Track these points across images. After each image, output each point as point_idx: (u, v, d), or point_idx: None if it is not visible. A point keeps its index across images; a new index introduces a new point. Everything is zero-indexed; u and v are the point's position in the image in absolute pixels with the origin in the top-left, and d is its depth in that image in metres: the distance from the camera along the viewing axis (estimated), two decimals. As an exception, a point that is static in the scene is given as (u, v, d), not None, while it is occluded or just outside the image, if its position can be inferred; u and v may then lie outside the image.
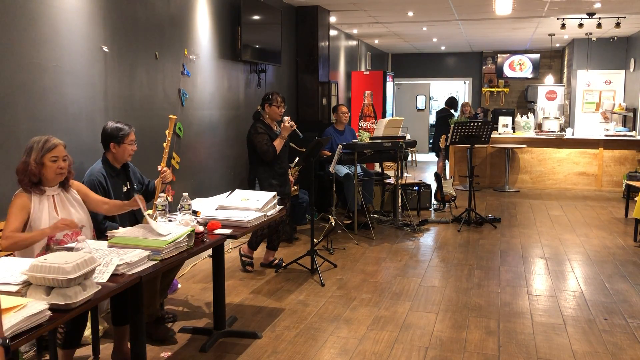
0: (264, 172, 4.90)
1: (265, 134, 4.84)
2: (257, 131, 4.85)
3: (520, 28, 10.81)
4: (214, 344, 3.52)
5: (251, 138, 4.88)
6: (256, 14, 6.62)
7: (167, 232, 2.81)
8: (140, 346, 2.75)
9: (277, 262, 5.10)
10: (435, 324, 3.86)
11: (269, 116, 4.94)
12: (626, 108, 11.20)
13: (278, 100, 4.92)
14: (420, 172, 11.76)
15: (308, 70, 8.39)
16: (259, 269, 5.09)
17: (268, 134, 4.86)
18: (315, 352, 3.43)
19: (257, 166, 4.93)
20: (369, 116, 10.79)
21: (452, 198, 7.76)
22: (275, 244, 5.14)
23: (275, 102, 4.91)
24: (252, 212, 3.56)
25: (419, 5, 8.50)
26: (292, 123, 4.92)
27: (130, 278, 2.40)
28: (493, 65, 15.07)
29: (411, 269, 5.12)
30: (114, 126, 3.44)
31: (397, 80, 15.17)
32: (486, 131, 6.92)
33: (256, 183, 4.92)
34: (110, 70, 4.24)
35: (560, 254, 5.63)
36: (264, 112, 4.95)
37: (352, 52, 12.05)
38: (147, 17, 4.68)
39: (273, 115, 4.94)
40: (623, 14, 8.96)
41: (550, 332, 3.74)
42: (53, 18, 3.66)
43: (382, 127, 7.11)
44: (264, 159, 4.85)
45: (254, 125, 4.90)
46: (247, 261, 5.03)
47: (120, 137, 3.41)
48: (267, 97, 4.95)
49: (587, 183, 9.77)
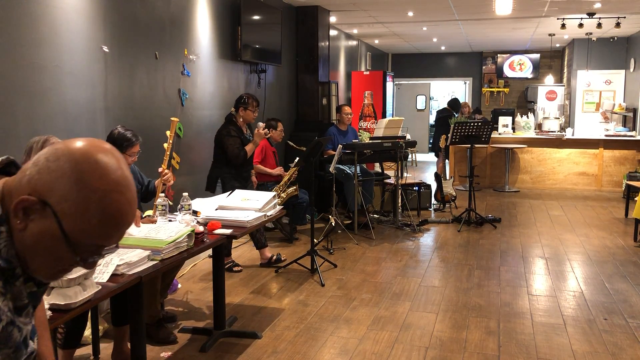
0: (228, 173, 4.93)
1: (237, 137, 4.88)
2: (230, 134, 4.87)
3: (520, 28, 10.80)
4: (214, 344, 3.52)
5: (222, 139, 4.89)
6: (256, 14, 6.62)
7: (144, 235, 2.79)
8: (140, 346, 2.75)
9: (276, 257, 5.11)
10: (435, 324, 3.86)
11: (242, 119, 4.97)
12: (626, 108, 11.20)
13: (253, 105, 4.97)
14: (420, 172, 11.76)
15: (308, 70, 8.39)
16: (249, 268, 5.09)
17: (240, 137, 4.88)
18: (315, 352, 3.43)
19: (222, 166, 4.94)
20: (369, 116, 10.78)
21: (452, 198, 7.75)
22: (262, 242, 5.13)
23: (250, 106, 4.95)
24: (252, 212, 3.56)
25: (419, 5, 8.50)
26: (266, 131, 5.05)
27: (130, 278, 2.41)
28: (493, 65, 15.07)
29: (411, 269, 5.11)
30: (122, 133, 3.38)
31: (397, 80, 15.16)
32: (486, 131, 6.92)
33: (218, 183, 4.93)
34: (110, 70, 4.24)
35: (560, 254, 5.63)
36: (238, 115, 4.96)
37: (352, 52, 12.05)
38: (147, 17, 4.68)
39: (247, 119, 4.98)
40: (623, 14, 8.96)
41: (550, 332, 3.74)
42: (53, 18, 3.66)
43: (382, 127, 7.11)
44: (233, 162, 4.87)
45: (226, 127, 4.92)
46: (229, 266, 4.99)
47: (124, 147, 3.35)
48: (243, 100, 4.96)
49: (587, 183, 9.77)
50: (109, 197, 0.96)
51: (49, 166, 0.96)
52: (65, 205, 0.95)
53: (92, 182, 0.95)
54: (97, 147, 0.99)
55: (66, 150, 0.97)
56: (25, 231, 0.97)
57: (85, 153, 0.97)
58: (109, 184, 0.96)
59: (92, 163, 0.96)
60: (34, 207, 0.96)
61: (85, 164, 0.96)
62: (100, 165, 0.96)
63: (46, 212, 0.96)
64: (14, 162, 1.08)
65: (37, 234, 0.97)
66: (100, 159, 0.97)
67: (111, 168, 0.97)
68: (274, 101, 7.45)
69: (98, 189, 0.95)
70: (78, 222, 0.96)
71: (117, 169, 0.98)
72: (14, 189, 0.99)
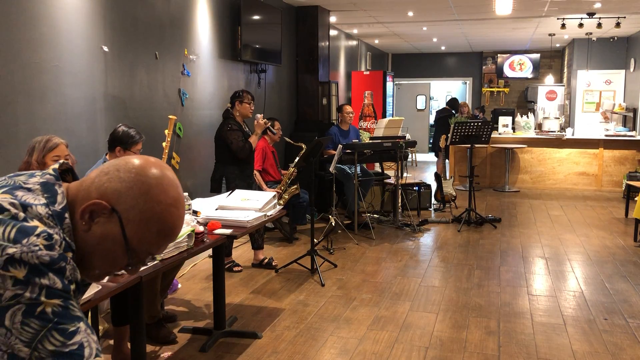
0: (232, 172, 4.91)
1: (239, 130, 4.86)
2: (232, 128, 4.85)
3: (520, 28, 10.80)
4: (214, 344, 3.52)
5: (224, 135, 4.87)
6: (256, 14, 6.62)
7: None
8: (140, 346, 2.75)
9: (268, 260, 5.10)
10: (435, 324, 3.86)
11: (239, 114, 4.96)
12: (626, 108, 11.20)
13: (248, 98, 4.97)
14: (420, 172, 11.76)
15: (308, 70, 8.38)
16: (249, 268, 5.09)
17: (241, 130, 4.88)
18: (315, 352, 3.43)
19: (225, 165, 4.93)
20: (369, 116, 10.78)
21: (452, 198, 7.75)
22: (259, 243, 5.14)
23: (246, 99, 4.95)
24: (252, 212, 3.56)
25: (419, 5, 8.50)
26: (266, 120, 4.98)
27: (130, 278, 2.40)
28: (493, 65, 15.06)
29: (411, 269, 5.11)
30: (126, 131, 3.38)
31: (397, 80, 15.17)
32: (486, 131, 6.92)
33: (223, 182, 4.91)
34: (110, 70, 4.24)
35: (560, 254, 5.63)
36: (234, 110, 4.96)
37: (352, 52, 12.05)
38: (147, 17, 4.68)
39: (244, 113, 4.96)
40: (623, 14, 8.96)
41: (550, 332, 3.74)
42: (53, 18, 3.66)
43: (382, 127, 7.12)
44: (239, 156, 4.85)
45: (226, 123, 4.90)
46: (230, 266, 5.01)
47: (128, 144, 3.35)
48: (237, 94, 4.97)
49: (587, 183, 9.77)
50: (169, 210, 1.06)
51: (120, 176, 1.04)
52: (131, 214, 1.03)
53: (158, 195, 1.05)
54: (163, 165, 1.09)
55: (137, 163, 1.06)
56: (88, 232, 1.04)
57: (155, 168, 1.07)
58: (170, 198, 1.06)
59: (159, 178, 1.06)
60: (102, 212, 1.03)
61: (153, 178, 1.05)
62: (165, 180, 1.06)
63: (112, 217, 1.03)
64: (70, 169, 1.14)
65: (100, 236, 1.04)
66: (166, 175, 1.07)
67: (173, 185, 1.08)
68: (274, 101, 7.45)
69: (161, 202, 1.05)
70: (139, 230, 1.04)
71: (177, 186, 1.09)
72: (79, 194, 1.06)
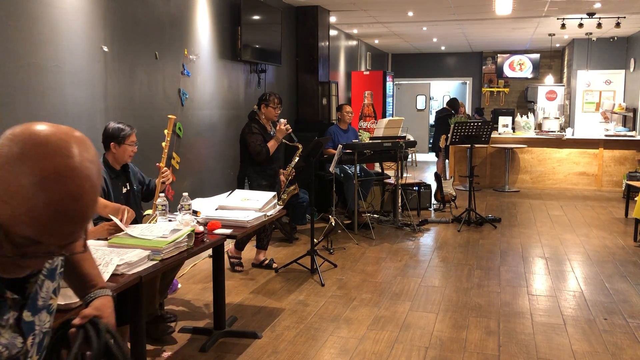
0: (254, 172, 4.92)
1: (259, 134, 4.86)
2: (252, 131, 4.86)
3: (520, 28, 10.80)
4: (214, 344, 3.52)
5: (245, 137, 4.89)
6: (256, 14, 6.62)
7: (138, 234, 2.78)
8: (140, 346, 2.75)
9: (268, 262, 5.10)
10: (435, 324, 3.86)
11: (264, 117, 4.96)
12: (626, 108, 11.20)
13: (275, 102, 4.93)
14: (420, 172, 11.76)
15: (308, 70, 8.39)
16: (249, 268, 5.09)
17: (262, 134, 4.88)
18: (315, 352, 3.43)
19: (247, 165, 4.95)
20: (369, 116, 10.78)
21: (452, 198, 7.75)
22: (264, 243, 5.13)
23: (272, 103, 4.92)
24: (252, 212, 3.56)
25: (419, 5, 8.50)
26: (288, 126, 4.92)
27: (130, 278, 2.40)
28: (493, 65, 15.06)
29: (411, 269, 5.11)
30: (116, 126, 3.42)
31: (397, 80, 15.16)
32: (486, 131, 6.92)
33: (246, 182, 4.92)
34: (110, 70, 4.24)
35: (560, 254, 5.63)
36: (260, 112, 4.96)
37: (352, 52, 12.05)
38: (147, 17, 4.68)
39: (269, 116, 4.95)
40: (623, 14, 8.96)
41: (550, 332, 3.74)
42: (53, 18, 3.66)
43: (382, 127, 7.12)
44: (256, 159, 4.86)
45: (249, 125, 4.92)
46: (235, 262, 5.02)
47: (122, 138, 3.40)
48: (264, 97, 4.96)
49: (587, 183, 9.77)
50: (48, 184, 0.80)
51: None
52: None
53: (29, 164, 0.80)
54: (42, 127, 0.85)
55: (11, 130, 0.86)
56: None
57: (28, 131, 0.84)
58: (52, 168, 0.80)
59: (35, 144, 0.81)
60: None
61: (29, 143, 0.82)
62: (47, 146, 0.81)
63: None
64: None
65: None
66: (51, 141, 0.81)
67: (62, 152, 0.81)
68: (274, 101, 7.45)
69: (33, 173, 0.80)
70: (5, 206, 0.82)
71: (69, 156, 0.82)
72: None
